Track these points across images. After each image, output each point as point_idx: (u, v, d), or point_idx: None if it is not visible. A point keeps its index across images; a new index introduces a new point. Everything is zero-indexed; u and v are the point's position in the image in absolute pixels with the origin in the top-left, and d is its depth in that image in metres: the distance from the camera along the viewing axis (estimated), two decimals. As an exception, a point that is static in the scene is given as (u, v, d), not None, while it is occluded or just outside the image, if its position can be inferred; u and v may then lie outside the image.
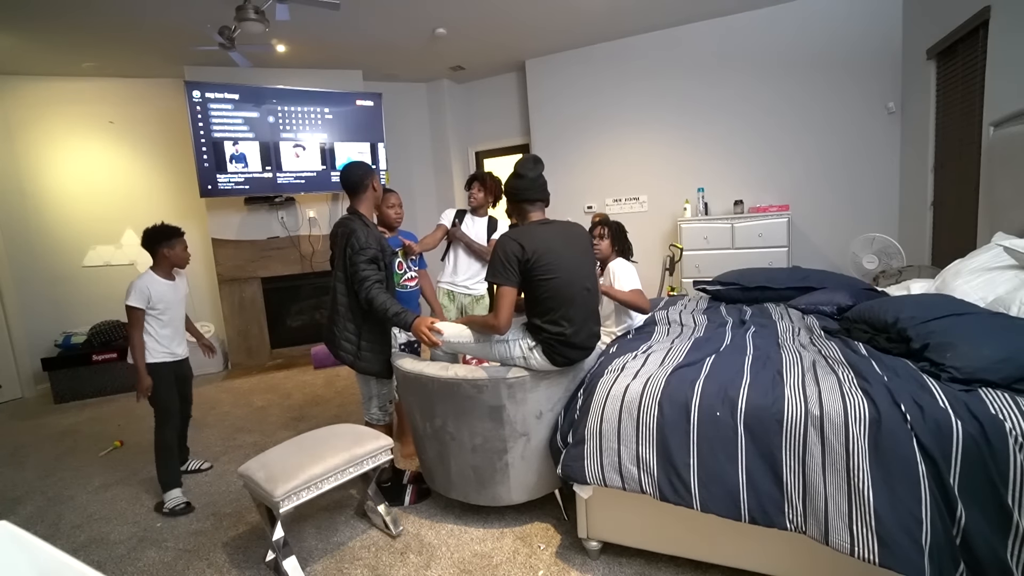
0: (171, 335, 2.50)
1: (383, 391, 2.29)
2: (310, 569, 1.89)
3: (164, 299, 2.44)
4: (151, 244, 2.44)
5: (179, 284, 2.58)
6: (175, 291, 2.53)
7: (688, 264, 4.46)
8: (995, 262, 2.04)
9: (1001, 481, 1.21)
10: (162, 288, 2.45)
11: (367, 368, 2.19)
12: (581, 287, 1.93)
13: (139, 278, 2.41)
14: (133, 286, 2.37)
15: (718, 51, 4.56)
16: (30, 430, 3.65)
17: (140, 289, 2.37)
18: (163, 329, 2.46)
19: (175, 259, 2.49)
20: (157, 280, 2.45)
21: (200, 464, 2.79)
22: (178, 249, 2.49)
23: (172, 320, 2.51)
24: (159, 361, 2.43)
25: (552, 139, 5.37)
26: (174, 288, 2.53)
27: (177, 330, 2.55)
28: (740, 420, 1.48)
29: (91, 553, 2.10)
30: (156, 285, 2.43)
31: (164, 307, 2.44)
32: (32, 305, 4.60)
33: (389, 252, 2.24)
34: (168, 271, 2.50)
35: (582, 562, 1.81)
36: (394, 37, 4.44)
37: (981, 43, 2.86)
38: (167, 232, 2.46)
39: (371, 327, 2.17)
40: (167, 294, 2.46)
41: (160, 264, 2.47)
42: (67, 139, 4.71)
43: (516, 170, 1.99)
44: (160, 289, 2.44)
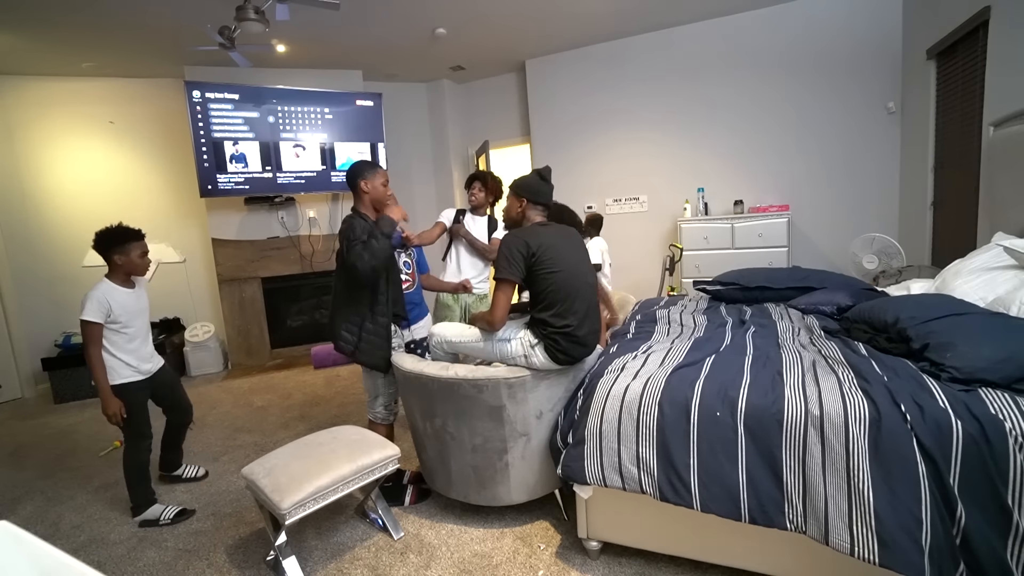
0: (136, 349, 2.26)
1: (390, 390, 2.28)
2: (310, 569, 1.89)
3: (126, 310, 2.19)
4: (102, 249, 2.17)
5: (140, 292, 2.32)
6: (137, 300, 2.28)
7: (688, 264, 4.46)
8: (995, 262, 2.04)
9: (1001, 481, 1.21)
10: (122, 298, 2.19)
11: (367, 360, 2.18)
12: (584, 281, 1.99)
13: (95, 288, 2.15)
14: (88, 297, 2.11)
15: (718, 51, 4.57)
16: (30, 430, 3.66)
17: (97, 300, 2.10)
18: (128, 344, 2.22)
19: (129, 266, 2.21)
20: (116, 289, 2.19)
21: (195, 471, 2.65)
22: (133, 255, 2.20)
23: (137, 333, 2.26)
24: (126, 382, 2.20)
25: (552, 139, 5.37)
26: (135, 297, 2.27)
27: (143, 345, 2.31)
28: (740, 420, 1.48)
29: (91, 553, 2.10)
30: (115, 295, 2.17)
31: (127, 319, 2.19)
32: (32, 305, 4.60)
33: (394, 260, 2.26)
34: (125, 279, 2.25)
35: (582, 562, 1.81)
36: (394, 37, 4.44)
37: (981, 43, 2.86)
38: (119, 235, 2.18)
39: (374, 318, 2.16)
40: (128, 304, 2.21)
41: (114, 272, 2.21)
42: (67, 139, 4.72)
43: (541, 174, 2.08)
44: (120, 299, 2.18)
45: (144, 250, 2.25)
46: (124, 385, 2.20)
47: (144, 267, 2.26)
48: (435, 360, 2.18)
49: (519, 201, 2.06)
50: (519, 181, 2.09)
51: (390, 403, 2.30)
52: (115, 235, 2.17)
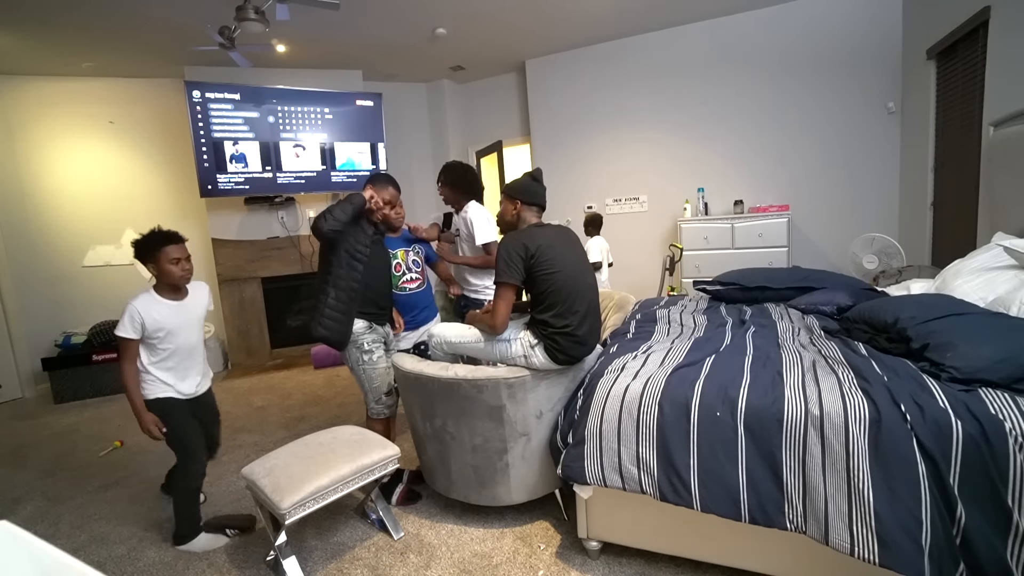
0: (175, 368, 2.04)
1: (373, 384, 2.26)
2: (310, 569, 1.89)
3: (163, 325, 1.98)
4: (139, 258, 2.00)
5: (189, 303, 2.08)
6: (179, 313, 2.04)
7: (688, 264, 4.46)
8: (995, 262, 2.04)
9: (1001, 481, 1.21)
10: (161, 312, 1.98)
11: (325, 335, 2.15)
12: (584, 281, 1.99)
13: (133, 298, 1.95)
14: (124, 309, 1.93)
15: (718, 51, 4.57)
16: (30, 430, 3.65)
17: (130, 314, 1.92)
18: (166, 360, 2.02)
19: (163, 275, 1.99)
20: (156, 302, 1.99)
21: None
22: (162, 261, 1.97)
23: (178, 351, 2.04)
24: (162, 396, 2.01)
25: (552, 139, 5.37)
26: (178, 310, 2.04)
27: (185, 362, 2.08)
28: (740, 420, 1.48)
29: (91, 553, 2.10)
30: (152, 308, 1.97)
31: (165, 335, 1.99)
32: (32, 305, 4.60)
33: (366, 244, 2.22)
34: (169, 289, 2.03)
35: (582, 562, 1.81)
36: (394, 37, 4.44)
37: (981, 43, 2.86)
38: (148, 242, 1.97)
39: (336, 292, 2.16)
40: (167, 318, 1.99)
41: (158, 282, 2.02)
42: (67, 139, 4.72)
43: (534, 176, 2.09)
44: (158, 313, 1.97)
45: (175, 256, 1.99)
46: (159, 400, 2.01)
47: (179, 275, 2.00)
48: (435, 361, 2.18)
49: (513, 204, 2.06)
50: (512, 184, 2.10)
51: (380, 397, 2.27)
52: (140, 244, 1.98)
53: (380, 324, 2.33)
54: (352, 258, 2.17)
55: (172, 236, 2.01)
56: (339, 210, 2.09)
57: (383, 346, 2.34)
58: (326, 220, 2.06)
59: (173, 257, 1.99)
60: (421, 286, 2.62)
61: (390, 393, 2.30)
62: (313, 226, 2.09)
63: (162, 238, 1.98)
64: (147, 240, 1.98)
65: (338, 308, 2.16)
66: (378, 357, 2.25)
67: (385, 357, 2.30)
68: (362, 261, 2.19)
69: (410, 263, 2.59)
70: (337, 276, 2.16)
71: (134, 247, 1.99)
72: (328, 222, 2.06)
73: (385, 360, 2.29)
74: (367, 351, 2.23)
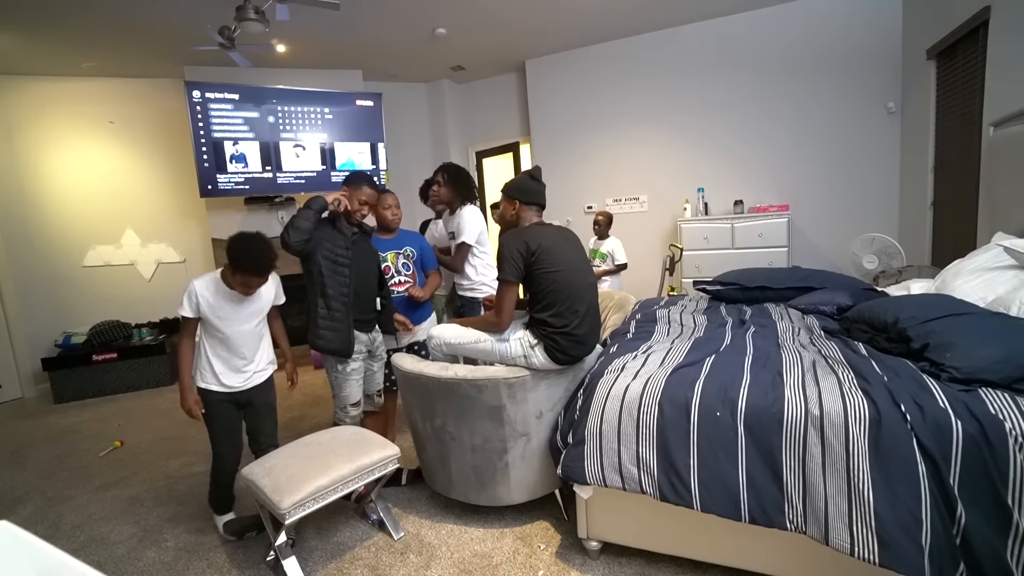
0: (227, 358, 2.01)
1: (341, 393, 2.24)
2: (310, 569, 1.89)
3: (220, 312, 1.95)
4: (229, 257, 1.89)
5: (251, 299, 2.02)
6: (240, 302, 1.99)
7: (688, 264, 4.46)
8: (995, 262, 2.04)
9: (1001, 481, 1.21)
10: (219, 298, 1.95)
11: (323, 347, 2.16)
12: (584, 281, 1.99)
13: (196, 279, 1.96)
14: (187, 289, 1.93)
15: (718, 51, 4.57)
16: (30, 430, 3.65)
17: (188, 294, 1.92)
18: (219, 348, 2.00)
19: (231, 285, 1.95)
20: (218, 286, 1.96)
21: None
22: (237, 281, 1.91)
23: (230, 339, 1.99)
24: (206, 387, 2.00)
25: (552, 139, 5.37)
26: (240, 299, 1.99)
27: (237, 352, 2.02)
28: (740, 420, 1.48)
29: (91, 553, 2.10)
30: (212, 292, 1.94)
31: (220, 323, 1.96)
32: (32, 305, 4.60)
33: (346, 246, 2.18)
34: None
35: (582, 562, 1.81)
36: (394, 37, 4.44)
37: (981, 43, 2.86)
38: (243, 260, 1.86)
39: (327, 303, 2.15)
40: (225, 307, 1.96)
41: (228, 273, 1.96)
42: (67, 139, 4.72)
43: (532, 175, 2.09)
44: (215, 299, 1.94)
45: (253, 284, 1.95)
46: (201, 391, 2.00)
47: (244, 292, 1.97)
48: (435, 360, 2.18)
49: (512, 203, 2.06)
50: (511, 183, 2.09)
51: (344, 406, 2.25)
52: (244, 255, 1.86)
53: (364, 331, 2.28)
54: (334, 263, 2.15)
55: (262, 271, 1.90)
56: (301, 219, 2.05)
57: (365, 355, 2.30)
58: (290, 234, 2.03)
59: (249, 285, 1.93)
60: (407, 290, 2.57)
61: (357, 404, 2.27)
62: (282, 242, 2.04)
63: (253, 269, 1.87)
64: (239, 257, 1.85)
65: (333, 317, 2.15)
66: (351, 369, 2.21)
67: (361, 368, 2.27)
68: (346, 265, 2.16)
69: (400, 266, 2.56)
70: (323, 285, 2.13)
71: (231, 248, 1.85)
72: (293, 235, 2.03)
73: (360, 372, 2.26)
74: (341, 361, 2.21)
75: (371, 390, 2.39)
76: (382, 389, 2.47)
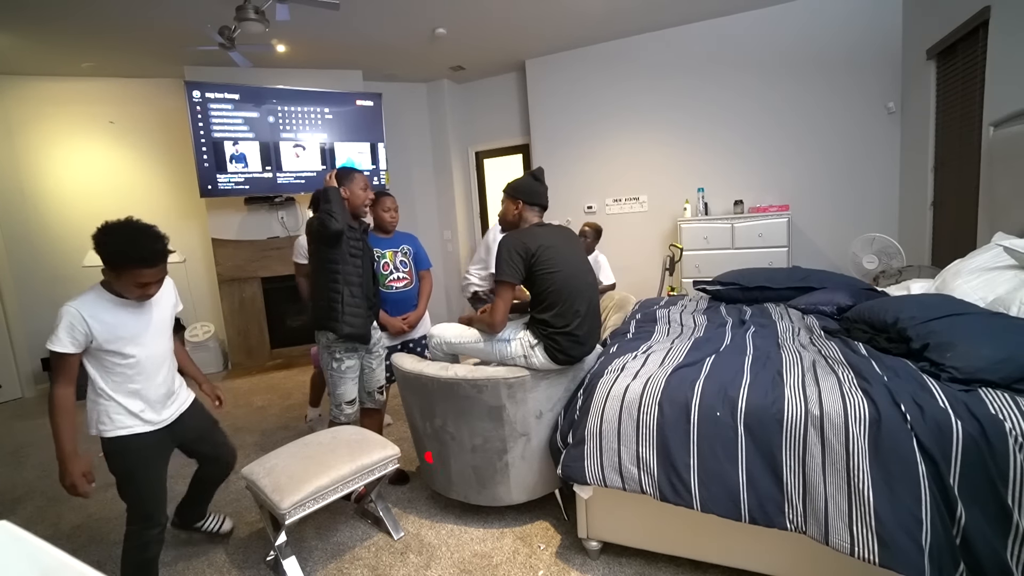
0: (141, 390, 1.57)
1: (336, 391, 2.23)
2: (310, 569, 1.89)
3: (123, 331, 1.51)
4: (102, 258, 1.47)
5: (152, 302, 1.61)
6: (142, 315, 1.57)
7: (688, 264, 4.46)
8: (995, 262, 2.04)
9: (1001, 481, 1.21)
10: (117, 316, 1.51)
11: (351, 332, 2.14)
12: (584, 281, 1.99)
13: (72, 300, 1.46)
14: (60, 316, 1.43)
15: (718, 51, 4.57)
16: (30, 430, 3.65)
17: (69, 322, 1.43)
18: (129, 382, 1.55)
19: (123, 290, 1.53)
20: (107, 302, 1.51)
21: (218, 525, 2.05)
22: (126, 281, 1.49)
23: (142, 366, 1.56)
24: (125, 433, 1.55)
25: (552, 139, 5.37)
26: (139, 311, 1.57)
27: (152, 379, 1.60)
28: (740, 420, 1.48)
29: (91, 553, 2.10)
30: (103, 312, 1.48)
31: (127, 346, 1.52)
32: (32, 305, 4.60)
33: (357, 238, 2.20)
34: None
35: (582, 562, 1.81)
36: (394, 37, 4.44)
37: (981, 43, 2.86)
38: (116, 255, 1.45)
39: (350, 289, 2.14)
40: (126, 324, 1.52)
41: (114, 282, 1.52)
42: (67, 139, 4.72)
43: (535, 175, 2.09)
44: (111, 317, 1.49)
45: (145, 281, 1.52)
46: (122, 438, 1.54)
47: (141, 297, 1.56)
48: (435, 360, 2.18)
49: (515, 203, 2.05)
50: (514, 183, 2.09)
51: (339, 404, 2.24)
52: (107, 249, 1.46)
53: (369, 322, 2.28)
54: (350, 255, 2.16)
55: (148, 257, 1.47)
56: (336, 207, 2.05)
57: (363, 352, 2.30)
58: (335, 220, 2.02)
59: (142, 282, 1.50)
60: (408, 285, 2.62)
61: (352, 402, 2.27)
62: (321, 230, 2.03)
63: (138, 258, 1.46)
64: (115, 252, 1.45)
65: (358, 304, 2.15)
66: (347, 367, 2.21)
67: (357, 367, 2.26)
68: (358, 256, 2.18)
69: (397, 263, 2.60)
70: (346, 273, 2.13)
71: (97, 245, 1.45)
72: (337, 222, 2.02)
73: (356, 370, 2.25)
74: (337, 359, 2.20)
75: (372, 386, 2.39)
76: (383, 386, 2.47)
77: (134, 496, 1.59)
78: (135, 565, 1.61)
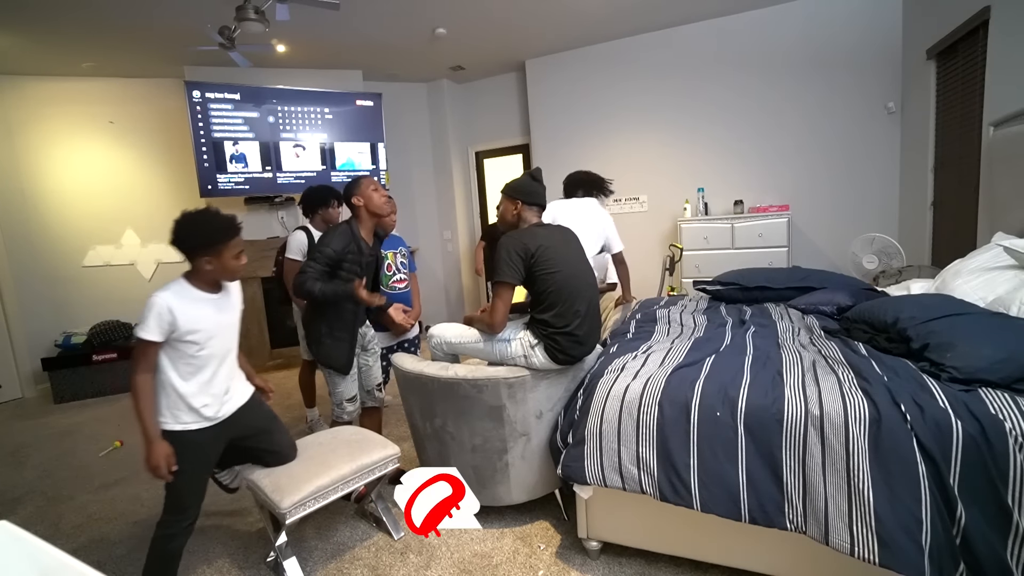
0: (209, 382, 1.62)
1: (336, 390, 2.25)
2: (310, 569, 1.89)
3: (200, 325, 1.57)
4: (185, 247, 1.56)
5: (228, 299, 1.70)
6: (220, 311, 1.64)
7: (688, 264, 4.46)
8: (995, 262, 2.04)
9: (1001, 481, 1.21)
10: (201, 309, 1.58)
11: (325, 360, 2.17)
12: (584, 281, 2.00)
13: (160, 291, 1.53)
14: (149, 306, 1.50)
15: (718, 51, 4.56)
16: (30, 430, 3.65)
17: (158, 311, 1.49)
18: (199, 374, 1.60)
19: (220, 273, 1.61)
20: (192, 295, 1.58)
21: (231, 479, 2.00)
22: (226, 257, 1.58)
23: (214, 359, 1.63)
24: (181, 429, 1.59)
25: (552, 139, 5.37)
26: (219, 306, 1.64)
27: (220, 373, 1.66)
28: (740, 420, 1.48)
29: (91, 553, 2.10)
30: (189, 304, 1.55)
31: (201, 338, 1.57)
32: (32, 305, 4.60)
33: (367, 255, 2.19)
34: (210, 282, 1.63)
35: (582, 562, 1.81)
36: (394, 37, 4.44)
37: (981, 43, 2.86)
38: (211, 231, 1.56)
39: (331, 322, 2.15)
40: (204, 316, 1.58)
41: (199, 274, 1.60)
42: (67, 139, 4.72)
43: (533, 175, 2.10)
44: (196, 310, 1.56)
45: (241, 247, 1.62)
46: (179, 433, 1.58)
47: (238, 270, 1.63)
48: (435, 360, 2.18)
49: (514, 204, 2.05)
50: (512, 184, 2.09)
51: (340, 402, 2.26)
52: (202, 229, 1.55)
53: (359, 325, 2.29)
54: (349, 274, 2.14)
55: (235, 224, 1.60)
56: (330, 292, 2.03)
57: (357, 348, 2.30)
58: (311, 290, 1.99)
59: (235, 251, 1.59)
60: (408, 286, 2.66)
61: (353, 400, 2.28)
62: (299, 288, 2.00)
63: (230, 227, 1.58)
64: (210, 227, 1.55)
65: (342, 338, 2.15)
66: None
67: (355, 363, 2.27)
68: (358, 274, 2.16)
69: (399, 264, 2.64)
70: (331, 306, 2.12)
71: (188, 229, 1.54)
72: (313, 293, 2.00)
73: (354, 367, 2.26)
74: None
75: (370, 384, 2.39)
76: (382, 384, 2.47)
77: (177, 489, 1.62)
78: (159, 553, 1.64)
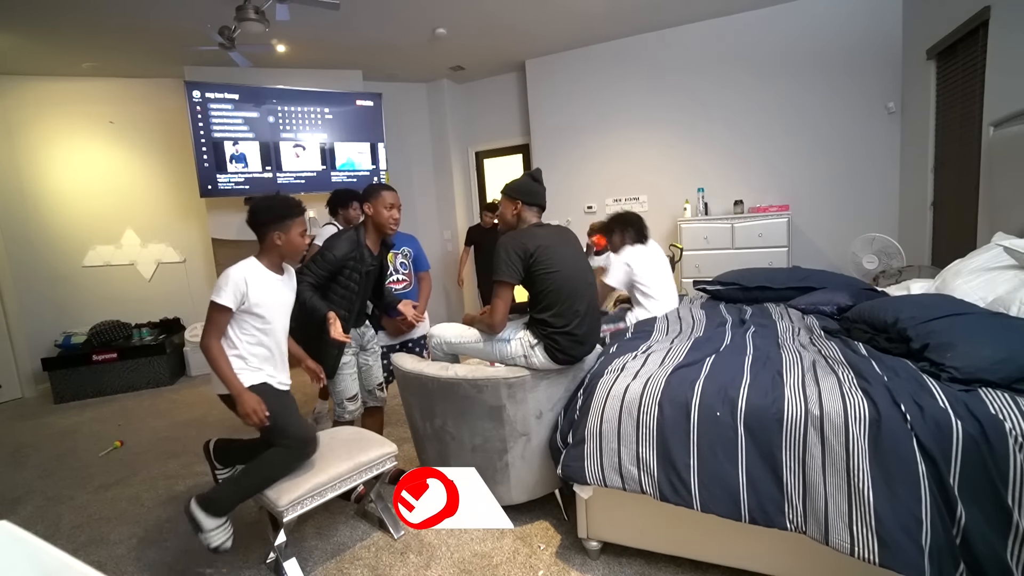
0: (269, 354, 1.80)
1: (336, 389, 2.25)
2: (310, 568, 1.89)
3: (267, 300, 1.75)
4: (258, 224, 1.78)
5: (287, 283, 1.88)
6: (282, 291, 1.83)
7: (688, 264, 4.46)
8: (995, 262, 2.04)
9: (1001, 481, 1.21)
10: (269, 284, 1.76)
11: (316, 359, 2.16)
12: (584, 281, 2.00)
13: (236, 266, 1.72)
14: (226, 276, 1.68)
15: (718, 51, 4.57)
16: (30, 430, 3.65)
17: (235, 281, 1.67)
18: (259, 346, 1.77)
19: (287, 247, 1.79)
20: (263, 271, 1.76)
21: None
22: (293, 233, 1.78)
23: (272, 334, 1.80)
24: (258, 383, 1.75)
25: (552, 139, 5.37)
26: (281, 287, 1.83)
27: (276, 350, 1.84)
28: (740, 420, 1.48)
29: (91, 553, 2.10)
30: (260, 279, 1.73)
31: (267, 312, 1.75)
32: (32, 305, 4.60)
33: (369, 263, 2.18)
34: (278, 262, 1.82)
35: (582, 562, 1.81)
36: (394, 37, 4.44)
37: (981, 43, 2.86)
38: (282, 208, 1.77)
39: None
40: (272, 294, 1.77)
41: (268, 252, 1.79)
42: (67, 139, 4.72)
43: (533, 176, 2.10)
44: (265, 286, 1.74)
45: (305, 227, 1.83)
46: (258, 385, 1.74)
47: (303, 248, 1.83)
48: (435, 360, 2.18)
49: (514, 204, 2.05)
50: (512, 184, 2.09)
51: (341, 402, 2.26)
52: (277, 208, 1.77)
53: (355, 326, 2.28)
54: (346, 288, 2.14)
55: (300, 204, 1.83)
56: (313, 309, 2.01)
57: (357, 349, 2.30)
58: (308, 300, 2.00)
59: (302, 229, 1.81)
60: (407, 287, 2.64)
61: (354, 399, 2.27)
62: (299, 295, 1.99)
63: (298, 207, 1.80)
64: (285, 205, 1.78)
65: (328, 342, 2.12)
66: (343, 363, 2.22)
67: (353, 363, 2.27)
68: (358, 282, 2.16)
69: (397, 265, 2.62)
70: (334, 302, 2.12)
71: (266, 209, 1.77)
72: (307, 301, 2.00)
73: (352, 366, 2.26)
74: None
75: (371, 384, 2.39)
76: (383, 383, 2.47)
77: (294, 423, 1.75)
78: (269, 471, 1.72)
